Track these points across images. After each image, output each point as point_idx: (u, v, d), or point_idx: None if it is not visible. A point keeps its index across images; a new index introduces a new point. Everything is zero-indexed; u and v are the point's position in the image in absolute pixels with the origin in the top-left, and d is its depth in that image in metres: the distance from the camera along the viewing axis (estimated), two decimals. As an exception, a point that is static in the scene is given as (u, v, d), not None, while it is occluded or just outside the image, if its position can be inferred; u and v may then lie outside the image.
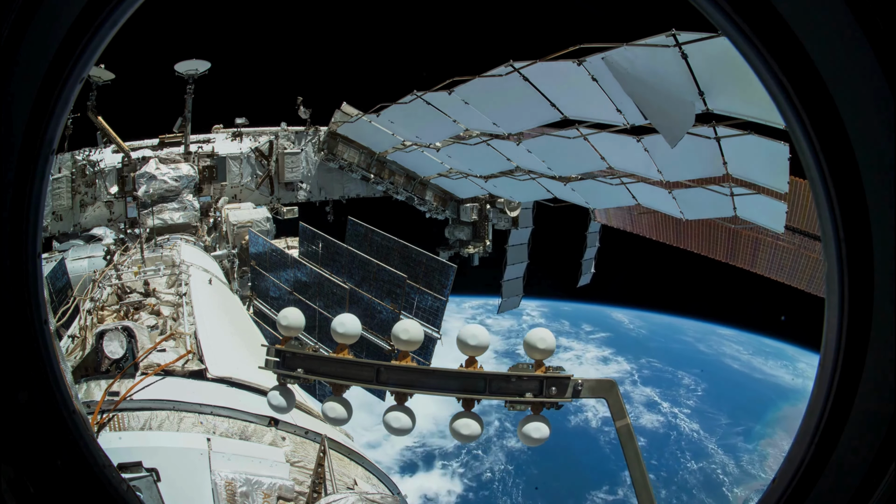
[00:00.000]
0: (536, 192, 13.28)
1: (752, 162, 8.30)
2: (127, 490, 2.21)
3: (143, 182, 12.80)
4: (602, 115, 8.38)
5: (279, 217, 15.23)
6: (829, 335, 1.80)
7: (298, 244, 14.41)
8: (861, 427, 1.69)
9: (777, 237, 13.46)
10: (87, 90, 11.98)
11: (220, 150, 14.34)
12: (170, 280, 8.64)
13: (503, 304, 18.74)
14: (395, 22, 53.64)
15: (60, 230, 12.79)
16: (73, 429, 2.02)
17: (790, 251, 13.90)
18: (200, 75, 12.84)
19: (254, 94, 40.59)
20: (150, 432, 4.57)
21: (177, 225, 13.14)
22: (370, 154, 15.86)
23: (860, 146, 1.59)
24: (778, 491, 1.92)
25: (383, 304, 12.66)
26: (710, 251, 15.47)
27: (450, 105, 10.13)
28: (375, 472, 5.75)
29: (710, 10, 1.79)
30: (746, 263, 15.12)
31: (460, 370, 3.24)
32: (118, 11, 1.93)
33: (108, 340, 5.44)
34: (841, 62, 1.58)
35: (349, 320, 3.44)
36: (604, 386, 3.17)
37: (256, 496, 4.23)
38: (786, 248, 13.92)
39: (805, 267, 13.96)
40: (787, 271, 14.39)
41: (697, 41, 6.25)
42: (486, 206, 17.42)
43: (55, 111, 1.88)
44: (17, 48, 1.71)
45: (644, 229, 16.48)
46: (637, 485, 3.05)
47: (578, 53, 7.46)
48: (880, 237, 1.60)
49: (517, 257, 18.24)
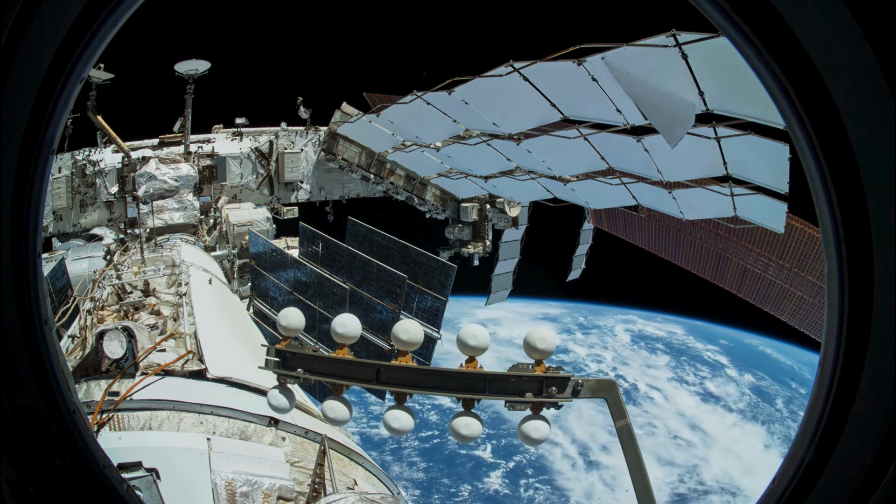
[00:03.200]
0: (536, 192, 13.28)
1: (752, 162, 8.30)
2: (127, 490, 2.21)
3: (143, 182, 12.80)
4: (602, 115, 8.38)
5: (279, 217, 15.24)
6: (829, 335, 1.80)
7: (298, 244, 14.41)
8: (861, 427, 1.69)
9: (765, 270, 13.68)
10: (87, 90, 11.99)
11: (220, 150, 14.34)
12: (170, 280, 8.65)
13: (491, 297, 19.03)
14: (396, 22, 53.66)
15: (60, 230, 12.79)
16: (73, 429, 2.02)
17: (776, 286, 14.10)
18: (200, 75, 12.83)
19: (254, 94, 40.64)
20: (150, 432, 4.57)
21: (177, 225, 13.15)
22: (370, 154, 15.87)
23: (860, 146, 1.59)
24: (778, 491, 1.92)
25: (383, 305, 12.66)
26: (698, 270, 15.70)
27: (450, 105, 10.12)
28: (375, 472, 5.75)
29: (710, 10, 1.79)
30: (733, 288, 15.45)
31: (460, 370, 3.24)
32: (118, 11, 1.93)
33: (108, 340, 5.44)
34: (841, 62, 1.57)
35: (349, 320, 3.44)
36: (604, 386, 3.17)
37: (256, 496, 4.23)
38: (773, 282, 14.11)
39: (789, 302, 14.19)
40: (772, 302, 14.63)
41: (697, 41, 6.25)
42: (486, 206, 17.44)
43: (55, 111, 1.88)
44: (17, 48, 1.71)
45: (636, 238, 16.64)
46: (637, 485, 3.04)
47: (578, 53, 7.45)
48: (880, 237, 1.60)
49: (509, 253, 18.51)
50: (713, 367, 50.07)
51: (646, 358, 51.20)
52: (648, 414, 44.27)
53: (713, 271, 15.38)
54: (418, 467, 38.59)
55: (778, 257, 11.59)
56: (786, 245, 12.48)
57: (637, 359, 51.17)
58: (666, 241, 15.75)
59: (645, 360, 50.84)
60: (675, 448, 41.39)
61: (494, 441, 40.04)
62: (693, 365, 50.26)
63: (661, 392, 46.82)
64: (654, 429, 42.77)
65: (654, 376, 48.68)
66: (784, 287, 13.97)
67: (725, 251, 14.53)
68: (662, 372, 49.32)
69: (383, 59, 49.54)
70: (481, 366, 3.25)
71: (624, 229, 16.98)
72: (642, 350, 52.55)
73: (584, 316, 57.01)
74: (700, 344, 53.34)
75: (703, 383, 48.19)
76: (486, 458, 39.29)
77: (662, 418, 43.88)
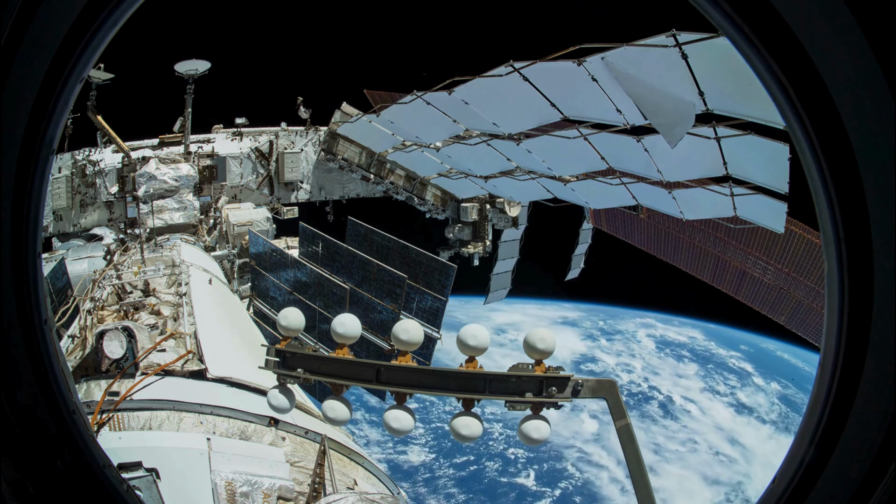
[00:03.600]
0: (536, 192, 13.28)
1: (752, 162, 8.30)
2: (127, 490, 2.21)
3: (143, 182, 12.80)
4: (602, 115, 8.38)
5: (279, 217, 15.24)
6: (829, 335, 1.80)
7: (298, 244, 14.41)
8: (861, 427, 1.69)
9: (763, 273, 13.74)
10: (87, 90, 11.99)
11: (220, 150, 14.34)
12: (170, 280, 8.65)
13: (490, 296, 19.12)
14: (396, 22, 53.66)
15: (60, 230, 12.79)
16: (73, 429, 2.01)
17: (774, 289, 14.16)
18: (200, 75, 12.84)
19: (254, 94, 40.63)
20: (150, 432, 4.57)
21: (177, 225, 13.15)
22: (370, 154, 15.87)
23: (860, 146, 1.59)
24: (778, 491, 1.92)
25: (383, 305, 12.66)
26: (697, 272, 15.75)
27: (450, 105, 10.12)
28: (375, 472, 5.75)
29: (710, 10, 1.79)
30: (730, 290, 15.52)
31: (460, 370, 3.24)
32: (118, 11, 1.93)
33: (108, 340, 5.44)
34: (841, 62, 1.57)
35: (349, 320, 3.44)
36: (604, 386, 3.16)
37: (256, 496, 4.23)
38: (770, 284, 14.17)
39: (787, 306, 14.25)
40: (770, 305, 14.71)
41: (697, 41, 6.25)
42: (486, 206, 17.44)
43: (55, 111, 1.88)
44: (17, 48, 1.71)
45: (635, 239, 16.68)
46: (637, 485, 3.04)
47: (578, 53, 7.45)
48: (880, 237, 1.59)
49: (508, 253, 18.61)
50: (740, 376, 49.99)
51: (674, 366, 50.93)
52: (688, 429, 43.92)
53: (711, 273, 15.45)
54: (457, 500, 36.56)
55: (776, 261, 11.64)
56: (784, 249, 12.55)
57: (666, 367, 50.86)
58: (665, 242, 15.80)
59: (674, 369, 50.55)
60: (719, 465, 41.18)
61: (536, 466, 38.91)
62: (721, 374, 50.12)
63: (697, 404, 46.63)
64: (695, 445, 42.27)
65: (686, 387, 48.46)
66: (782, 290, 14.03)
67: (724, 253, 14.60)
68: (693, 382, 49.16)
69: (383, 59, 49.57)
70: (481, 366, 3.25)
71: (623, 230, 17.04)
72: (669, 358, 52.07)
73: (604, 320, 56.70)
74: (723, 350, 53.19)
75: (735, 393, 48.08)
76: (530, 487, 37.85)
77: (702, 433, 43.48)
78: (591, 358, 50.61)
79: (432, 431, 41.20)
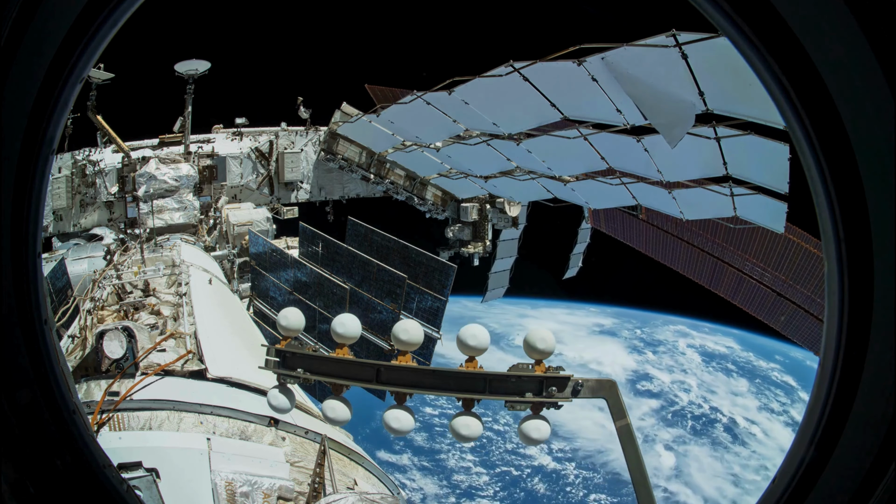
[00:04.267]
0: (536, 192, 13.28)
1: (752, 162, 8.30)
2: (127, 490, 2.21)
3: (143, 182, 12.80)
4: (602, 115, 8.37)
5: (279, 217, 15.24)
6: (829, 335, 1.80)
7: (298, 244, 14.41)
8: (861, 427, 1.69)
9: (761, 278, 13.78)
10: (87, 90, 11.99)
11: (220, 150, 14.34)
12: (170, 280, 8.64)
13: (487, 295, 19.19)
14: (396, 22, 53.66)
15: (60, 230, 12.79)
16: (73, 429, 2.01)
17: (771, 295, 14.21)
18: (200, 75, 12.84)
19: (254, 94, 40.61)
20: (150, 432, 4.57)
21: (177, 225, 13.15)
22: (370, 154, 15.87)
23: (860, 146, 1.59)
24: (778, 491, 1.92)
25: (383, 305, 12.66)
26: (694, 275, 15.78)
27: (450, 105, 10.12)
28: (375, 472, 5.75)
29: (710, 10, 1.79)
30: (728, 294, 15.60)
31: (460, 370, 3.24)
32: (118, 11, 1.93)
33: (108, 340, 5.44)
34: (841, 63, 1.57)
35: (349, 320, 3.44)
36: (604, 386, 3.17)
37: (256, 496, 4.23)
38: (767, 290, 14.21)
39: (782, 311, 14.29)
40: (767, 310, 14.75)
41: (697, 41, 6.24)
42: (486, 206, 17.45)
43: (55, 111, 1.88)
44: (17, 48, 1.71)
45: (633, 241, 16.70)
46: (637, 485, 3.04)
47: (578, 53, 7.45)
48: (880, 237, 1.59)
49: (507, 252, 18.68)
50: (786, 391, 49.66)
51: (726, 383, 50.45)
52: (758, 454, 43.24)
53: (709, 277, 15.47)
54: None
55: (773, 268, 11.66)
56: (781, 256, 12.59)
57: (720, 384, 50.32)
58: (664, 244, 15.82)
59: (727, 386, 50.05)
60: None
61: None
62: (769, 389, 49.75)
63: (759, 426, 46.14)
64: (768, 472, 40.97)
65: (744, 406, 47.98)
66: (778, 296, 14.08)
67: (722, 257, 14.63)
68: (749, 400, 48.72)
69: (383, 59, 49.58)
70: (481, 366, 3.25)
71: (622, 231, 17.06)
72: (719, 373, 51.60)
73: (640, 328, 55.82)
74: (763, 362, 52.73)
75: (788, 411, 47.65)
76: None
77: (771, 458, 42.45)
78: (645, 375, 49.79)
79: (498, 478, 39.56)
